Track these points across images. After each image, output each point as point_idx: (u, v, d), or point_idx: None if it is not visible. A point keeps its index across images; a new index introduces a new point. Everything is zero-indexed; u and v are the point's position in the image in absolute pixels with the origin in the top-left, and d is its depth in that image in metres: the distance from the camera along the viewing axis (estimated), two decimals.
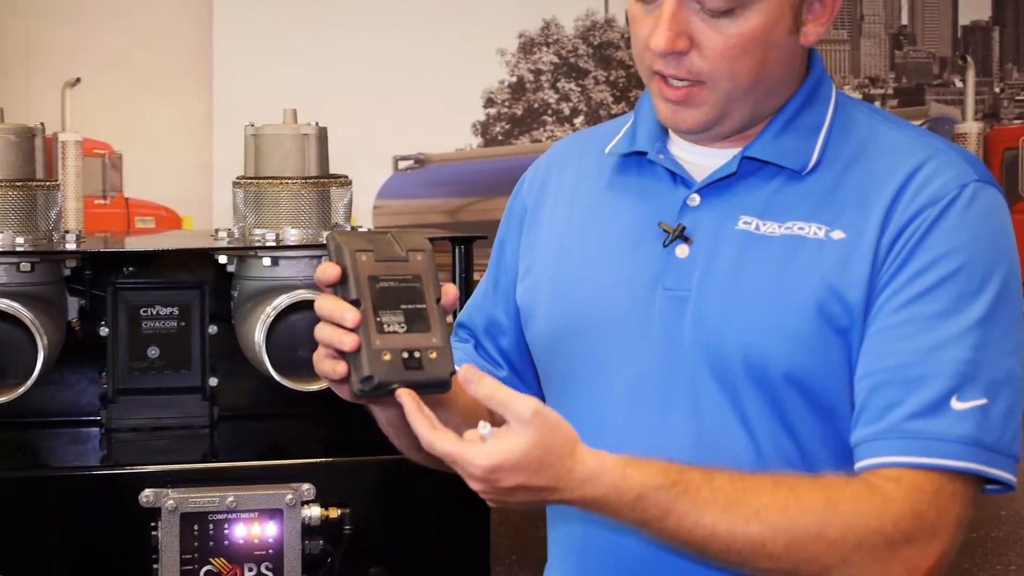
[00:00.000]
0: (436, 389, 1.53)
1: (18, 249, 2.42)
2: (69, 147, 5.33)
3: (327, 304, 1.52)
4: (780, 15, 1.55)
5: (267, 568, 2.27)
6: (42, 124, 2.57)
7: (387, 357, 1.50)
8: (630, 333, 1.64)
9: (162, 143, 5.78)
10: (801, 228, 1.57)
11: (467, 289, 2.59)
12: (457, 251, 2.60)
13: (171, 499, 2.25)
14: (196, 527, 2.25)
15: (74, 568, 2.31)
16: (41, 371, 2.38)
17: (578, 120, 5.65)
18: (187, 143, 5.79)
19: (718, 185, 1.63)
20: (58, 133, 5.41)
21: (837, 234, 1.55)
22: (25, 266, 2.45)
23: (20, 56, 5.69)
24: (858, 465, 1.52)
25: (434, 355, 1.52)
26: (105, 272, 2.69)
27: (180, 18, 5.84)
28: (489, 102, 5.70)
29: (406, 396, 1.48)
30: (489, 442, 1.44)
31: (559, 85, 5.71)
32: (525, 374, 1.83)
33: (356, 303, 1.50)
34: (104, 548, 2.32)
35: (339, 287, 1.53)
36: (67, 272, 2.58)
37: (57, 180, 2.64)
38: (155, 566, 2.26)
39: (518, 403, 1.45)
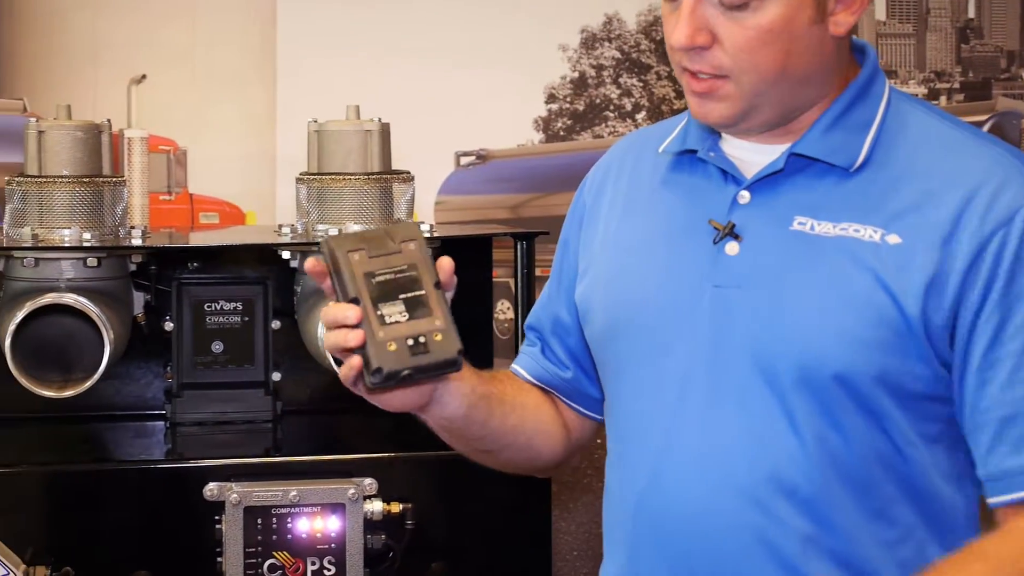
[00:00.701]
0: (446, 368, 1.57)
1: (85, 244, 2.45)
2: (135, 143, 5.37)
3: (330, 311, 1.56)
4: (800, 5, 1.54)
5: (329, 562, 2.28)
6: (109, 120, 2.59)
7: (392, 347, 1.53)
8: (679, 329, 1.63)
9: (226, 139, 5.81)
10: (856, 230, 1.56)
11: (529, 285, 2.59)
12: (519, 247, 2.60)
13: (235, 493, 2.26)
14: (259, 521, 2.27)
15: (139, 560, 2.34)
16: (107, 365, 2.40)
17: (640, 116, 5.63)
18: (251, 139, 5.82)
19: (767, 182, 1.62)
20: (124, 129, 5.45)
21: (893, 238, 1.54)
22: (92, 261, 2.48)
23: (87, 53, 5.75)
24: (1004, 498, 1.52)
25: (439, 337, 1.56)
26: (170, 267, 2.71)
27: (244, 14, 5.88)
28: (551, 98, 5.69)
29: None
30: None
31: (621, 81, 5.69)
32: (593, 373, 1.83)
33: (355, 301, 1.54)
34: (169, 541, 2.34)
35: (338, 290, 1.56)
36: (133, 267, 2.60)
37: (123, 176, 2.66)
38: (219, 559, 2.27)
39: None
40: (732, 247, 1.61)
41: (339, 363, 1.60)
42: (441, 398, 1.68)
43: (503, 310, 4.65)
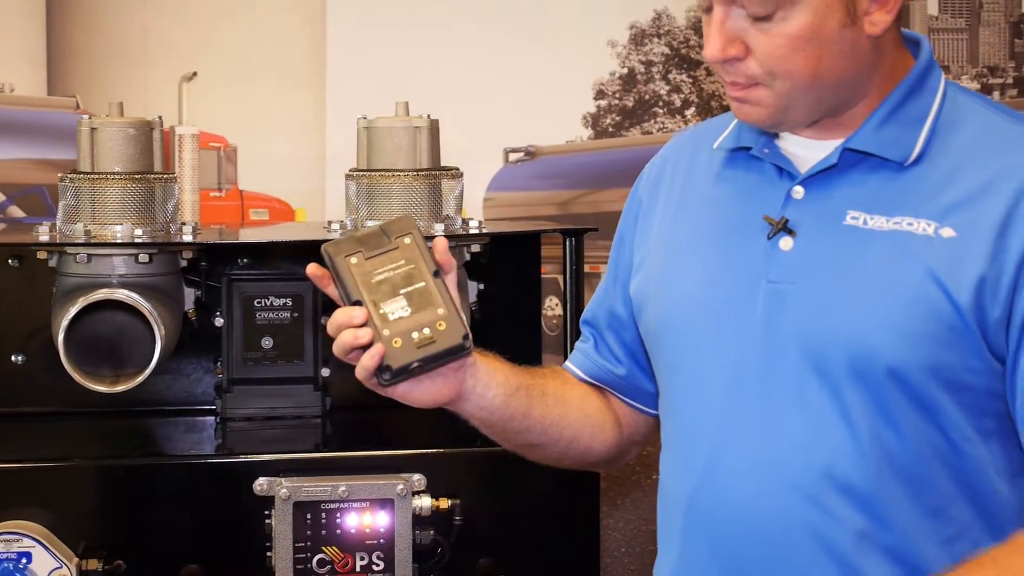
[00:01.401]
0: (454, 354, 1.61)
1: (137, 241, 2.46)
2: (185, 140, 5.40)
3: (336, 316, 1.61)
4: (828, 11, 1.53)
5: (378, 557, 2.29)
6: (160, 117, 2.61)
7: (398, 343, 1.58)
8: (733, 325, 1.64)
9: (276, 136, 5.83)
10: (910, 224, 1.55)
11: (578, 281, 2.59)
12: (568, 243, 2.59)
13: (284, 488, 2.27)
14: (309, 516, 2.28)
15: (190, 554, 2.35)
16: (158, 361, 2.42)
17: (689, 112, 5.61)
18: (301, 136, 5.84)
19: (821, 177, 1.61)
20: (175, 126, 5.48)
21: (947, 232, 1.53)
22: (143, 257, 2.49)
23: (138, 50, 5.79)
24: None
25: (443, 325, 1.59)
26: (220, 263, 2.73)
27: (294, 12, 5.90)
28: (600, 94, 5.68)
29: None
30: None
31: (670, 76, 5.67)
32: (648, 368, 1.83)
33: (359, 304, 1.59)
34: (219, 535, 2.36)
35: (341, 294, 1.61)
36: (184, 263, 2.62)
37: (174, 173, 2.67)
38: (268, 554, 2.29)
39: None
40: (786, 242, 1.61)
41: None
42: (474, 390, 1.70)
43: (551, 306, 4.64)
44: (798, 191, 1.63)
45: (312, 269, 1.65)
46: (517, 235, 2.87)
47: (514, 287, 2.84)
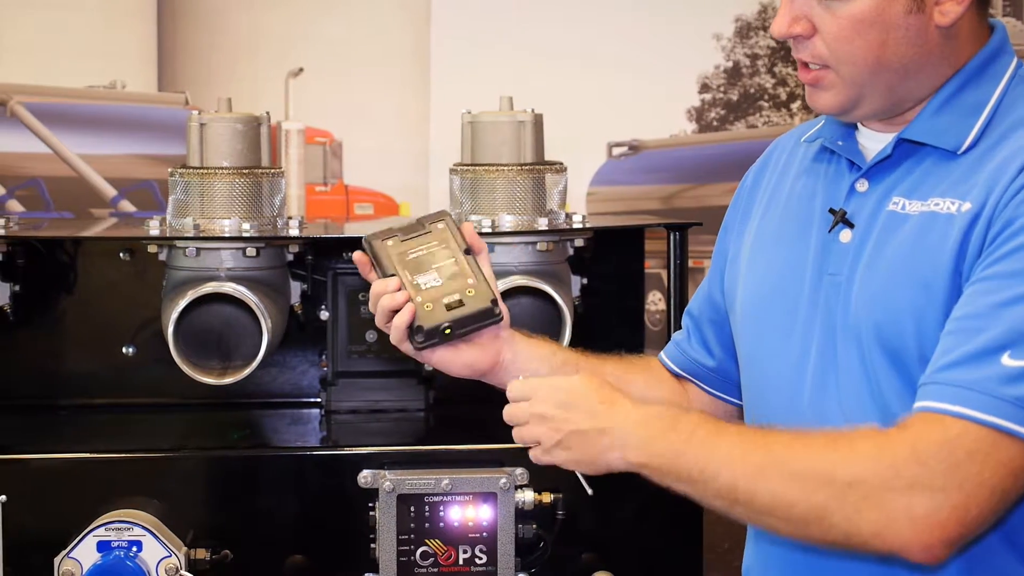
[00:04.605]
0: (484, 319, 1.74)
1: (244, 235, 2.49)
2: (292, 135, 5.46)
3: (373, 288, 1.75)
4: None
5: (481, 551, 2.30)
6: (267, 113, 2.63)
7: (429, 307, 1.71)
8: (798, 318, 1.66)
9: (381, 131, 5.87)
10: (937, 204, 1.55)
11: (681, 276, 2.57)
12: (672, 237, 2.58)
13: (388, 480, 2.28)
14: (412, 508, 2.29)
15: (295, 545, 2.37)
16: (265, 354, 2.44)
17: (795, 105, 5.56)
18: (405, 131, 5.88)
19: (880, 169, 1.63)
20: (282, 122, 5.55)
21: (966, 206, 1.53)
22: (251, 251, 2.52)
23: (246, 47, 5.86)
24: (918, 404, 1.48)
25: (472, 292, 1.73)
26: (326, 257, 2.75)
27: (399, 8, 5.94)
28: (704, 87, 5.64)
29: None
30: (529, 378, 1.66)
31: (776, 70, 5.62)
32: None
33: (393, 276, 1.74)
34: (323, 527, 2.38)
35: (379, 273, 1.76)
36: (290, 257, 2.64)
37: (281, 167, 2.70)
38: (372, 546, 2.30)
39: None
40: (846, 235, 1.63)
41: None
42: (513, 363, 1.80)
43: (654, 301, 4.62)
44: (862, 184, 1.65)
45: (357, 256, 1.78)
46: (620, 230, 2.86)
47: (617, 282, 2.83)
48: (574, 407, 1.61)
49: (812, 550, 1.62)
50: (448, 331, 1.71)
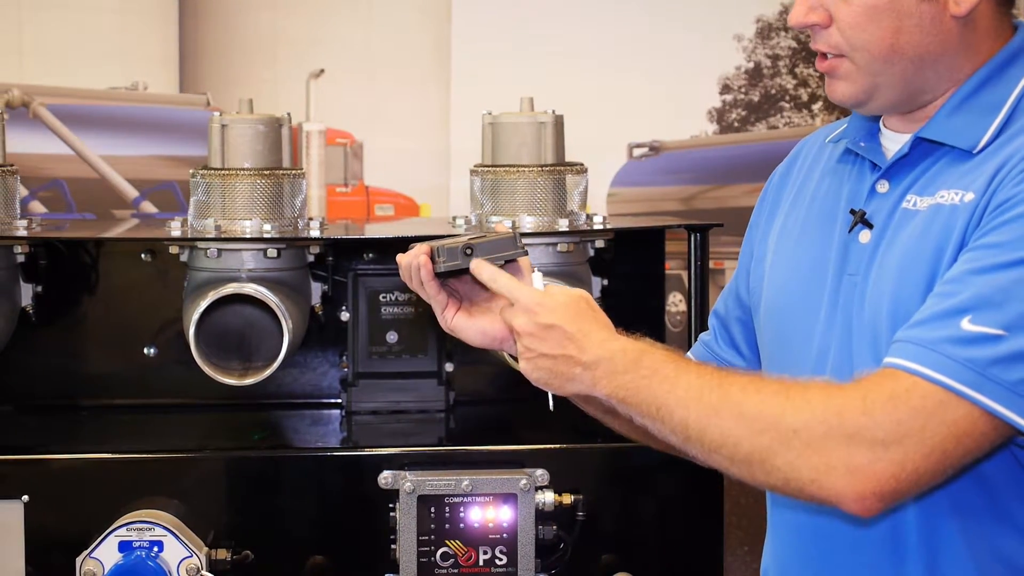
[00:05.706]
0: (505, 248, 1.76)
1: (265, 236, 2.49)
2: (313, 136, 5.48)
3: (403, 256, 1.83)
4: None
5: (501, 552, 2.30)
6: (288, 114, 2.64)
7: (451, 243, 1.77)
8: (818, 318, 1.67)
9: (401, 132, 5.88)
10: (943, 196, 1.56)
11: (703, 277, 2.57)
12: (693, 238, 2.58)
13: (409, 481, 2.29)
14: (433, 509, 2.29)
15: (315, 545, 2.38)
16: (286, 354, 2.45)
17: (816, 106, 5.54)
18: (425, 132, 5.89)
19: (898, 168, 1.64)
20: (303, 123, 5.57)
21: (969, 196, 1.54)
22: (272, 252, 2.53)
23: (267, 48, 5.87)
24: (887, 359, 1.50)
25: (493, 233, 1.77)
26: (346, 258, 2.75)
27: (420, 10, 5.95)
28: (725, 88, 5.63)
29: (478, 263, 1.71)
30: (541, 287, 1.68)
31: (797, 71, 5.61)
32: None
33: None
34: (344, 527, 2.38)
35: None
36: (311, 258, 2.64)
37: (302, 168, 2.71)
38: (392, 546, 2.30)
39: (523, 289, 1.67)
40: (864, 235, 1.64)
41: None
42: None
43: (675, 303, 4.62)
44: (883, 184, 1.65)
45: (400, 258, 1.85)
46: (641, 231, 2.85)
47: (638, 283, 2.83)
48: (552, 329, 1.64)
49: (828, 549, 1.62)
50: (469, 251, 1.73)
